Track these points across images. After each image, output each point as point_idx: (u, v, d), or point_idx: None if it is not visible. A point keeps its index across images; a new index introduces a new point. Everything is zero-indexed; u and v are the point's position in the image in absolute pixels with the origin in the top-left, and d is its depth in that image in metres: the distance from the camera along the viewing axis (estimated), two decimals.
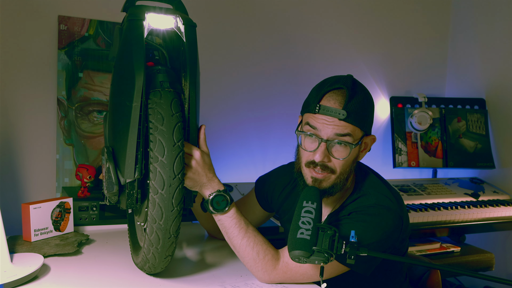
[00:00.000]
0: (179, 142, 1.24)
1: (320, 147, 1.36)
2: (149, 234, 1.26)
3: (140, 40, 1.27)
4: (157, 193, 1.22)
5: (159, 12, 1.31)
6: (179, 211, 1.25)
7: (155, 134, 1.23)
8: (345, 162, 1.38)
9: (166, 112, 1.25)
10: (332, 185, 1.40)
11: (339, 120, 1.34)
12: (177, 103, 1.28)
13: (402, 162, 2.77)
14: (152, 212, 1.23)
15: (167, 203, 1.23)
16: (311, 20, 2.65)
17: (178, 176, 1.23)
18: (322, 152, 1.36)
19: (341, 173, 1.39)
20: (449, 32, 3.08)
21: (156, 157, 1.22)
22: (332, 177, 1.39)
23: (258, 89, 2.52)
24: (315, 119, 1.36)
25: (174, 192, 1.23)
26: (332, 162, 1.38)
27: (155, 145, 1.22)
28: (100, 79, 2.10)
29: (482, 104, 2.88)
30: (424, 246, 2.46)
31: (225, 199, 1.36)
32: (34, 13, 2.00)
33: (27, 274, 1.31)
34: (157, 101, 1.26)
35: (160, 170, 1.22)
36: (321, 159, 1.36)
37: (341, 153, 1.37)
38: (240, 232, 1.38)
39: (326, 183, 1.39)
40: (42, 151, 2.04)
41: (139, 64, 1.24)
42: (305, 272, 1.37)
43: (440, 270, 1.76)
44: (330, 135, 1.35)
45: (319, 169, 1.38)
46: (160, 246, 1.27)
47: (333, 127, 1.34)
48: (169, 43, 1.48)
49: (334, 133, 1.34)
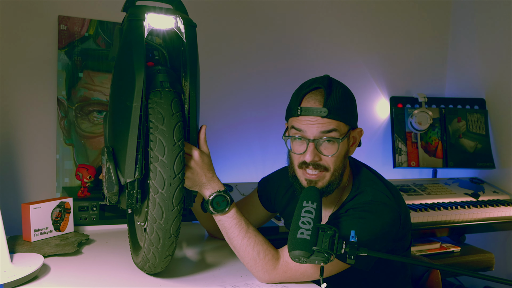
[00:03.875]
0: (179, 142, 1.24)
1: (309, 147, 1.38)
2: (149, 234, 1.26)
3: (140, 40, 1.27)
4: (157, 193, 1.22)
5: (159, 12, 1.31)
6: (179, 210, 1.25)
7: (155, 133, 1.23)
8: (336, 158, 1.40)
9: (167, 111, 1.25)
10: (328, 183, 1.41)
11: (321, 118, 1.36)
12: (177, 102, 1.27)
13: (402, 162, 2.77)
14: (153, 211, 1.23)
15: (168, 202, 1.23)
16: (311, 20, 2.65)
17: (178, 175, 1.23)
18: (312, 151, 1.38)
19: (334, 169, 1.41)
20: (449, 32, 3.08)
21: (157, 157, 1.22)
22: (326, 175, 1.40)
23: (258, 89, 2.52)
24: (299, 122, 1.39)
25: (174, 191, 1.23)
26: (324, 160, 1.39)
27: (156, 145, 1.22)
28: (100, 79, 2.10)
29: (482, 104, 2.88)
30: (424, 246, 2.46)
31: (225, 200, 1.36)
32: (34, 13, 2.00)
33: (27, 274, 1.31)
34: (157, 100, 1.26)
35: (160, 169, 1.22)
36: (311, 158, 1.38)
37: (330, 150, 1.38)
38: (241, 233, 1.38)
39: (321, 183, 1.41)
40: (42, 151, 2.04)
41: (139, 64, 1.24)
42: (305, 271, 1.37)
43: (440, 270, 1.76)
44: (316, 134, 1.37)
45: (312, 169, 1.39)
46: (160, 246, 1.27)
47: (317, 126, 1.37)
48: (169, 43, 1.48)
49: (319, 131, 1.37)
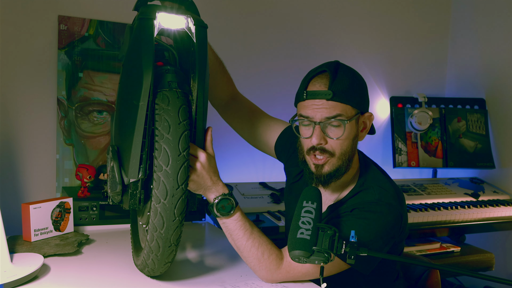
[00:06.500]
0: (185, 152, 1.21)
1: (315, 130, 1.38)
2: (149, 241, 1.25)
3: (150, 39, 1.25)
4: (159, 203, 1.20)
5: (170, 12, 1.29)
6: (180, 221, 1.23)
7: (160, 142, 1.20)
8: (342, 141, 1.39)
9: (173, 120, 1.21)
10: (336, 168, 1.41)
11: (327, 101, 1.36)
12: (185, 110, 1.24)
13: (402, 162, 2.77)
14: (154, 220, 1.22)
15: (169, 213, 1.21)
16: (311, 19, 2.65)
17: (181, 186, 1.21)
18: (318, 134, 1.38)
19: (341, 154, 1.40)
20: (449, 32, 3.08)
21: (161, 166, 1.19)
22: (333, 160, 1.40)
23: (258, 88, 2.52)
24: (306, 106, 1.39)
25: (176, 202, 1.21)
26: (329, 144, 1.39)
27: (160, 154, 1.19)
28: (100, 79, 2.10)
29: (482, 104, 2.87)
30: (424, 246, 2.46)
31: (230, 203, 1.35)
32: (34, 13, 2.00)
33: (27, 274, 1.31)
34: (164, 107, 1.23)
35: (163, 179, 1.19)
36: (318, 141, 1.38)
37: (336, 133, 1.38)
38: (245, 234, 1.37)
39: (328, 167, 1.41)
40: (42, 151, 2.03)
41: (147, 63, 1.22)
42: (307, 271, 1.37)
43: (440, 270, 1.76)
44: (322, 117, 1.37)
45: (319, 153, 1.40)
46: (160, 254, 1.26)
47: (323, 109, 1.37)
48: (180, 44, 1.46)
49: (325, 115, 1.37)
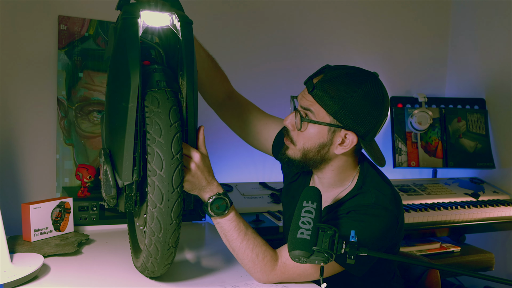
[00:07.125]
0: (178, 154, 1.19)
1: (291, 114, 1.42)
2: (148, 245, 1.24)
3: (135, 39, 1.22)
4: (155, 207, 1.18)
5: (154, 10, 1.27)
6: (178, 223, 1.22)
7: (152, 146, 1.17)
8: (304, 137, 1.40)
9: (165, 122, 1.19)
10: (294, 159, 1.44)
11: (308, 92, 1.39)
12: (175, 111, 1.22)
13: (402, 162, 2.77)
14: (151, 225, 1.20)
15: (166, 217, 1.19)
16: (310, 19, 2.65)
17: (176, 189, 1.19)
18: (291, 118, 1.42)
19: (302, 148, 1.42)
20: (449, 32, 3.08)
21: (154, 171, 1.17)
22: (294, 148, 1.44)
23: (257, 88, 2.52)
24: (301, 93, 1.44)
25: (172, 206, 1.19)
26: (295, 132, 1.42)
27: (153, 158, 1.17)
28: (100, 79, 2.10)
29: (482, 104, 2.87)
30: (424, 246, 2.45)
31: (225, 202, 1.34)
32: (34, 13, 2.00)
33: (27, 274, 1.31)
34: (154, 110, 1.20)
35: (158, 184, 1.17)
36: (287, 122, 1.43)
37: (298, 124, 1.40)
38: (240, 235, 1.37)
39: (289, 152, 1.45)
40: (42, 151, 2.03)
41: (134, 63, 1.19)
42: (302, 272, 1.37)
43: (440, 270, 1.76)
44: (299, 104, 1.41)
45: (286, 135, 1.46)
46: (159, 257, 1.25)
47: (303, 98, 1.41)
48: (166, 42, 1.44)
49: (302, 103, 1.40)
